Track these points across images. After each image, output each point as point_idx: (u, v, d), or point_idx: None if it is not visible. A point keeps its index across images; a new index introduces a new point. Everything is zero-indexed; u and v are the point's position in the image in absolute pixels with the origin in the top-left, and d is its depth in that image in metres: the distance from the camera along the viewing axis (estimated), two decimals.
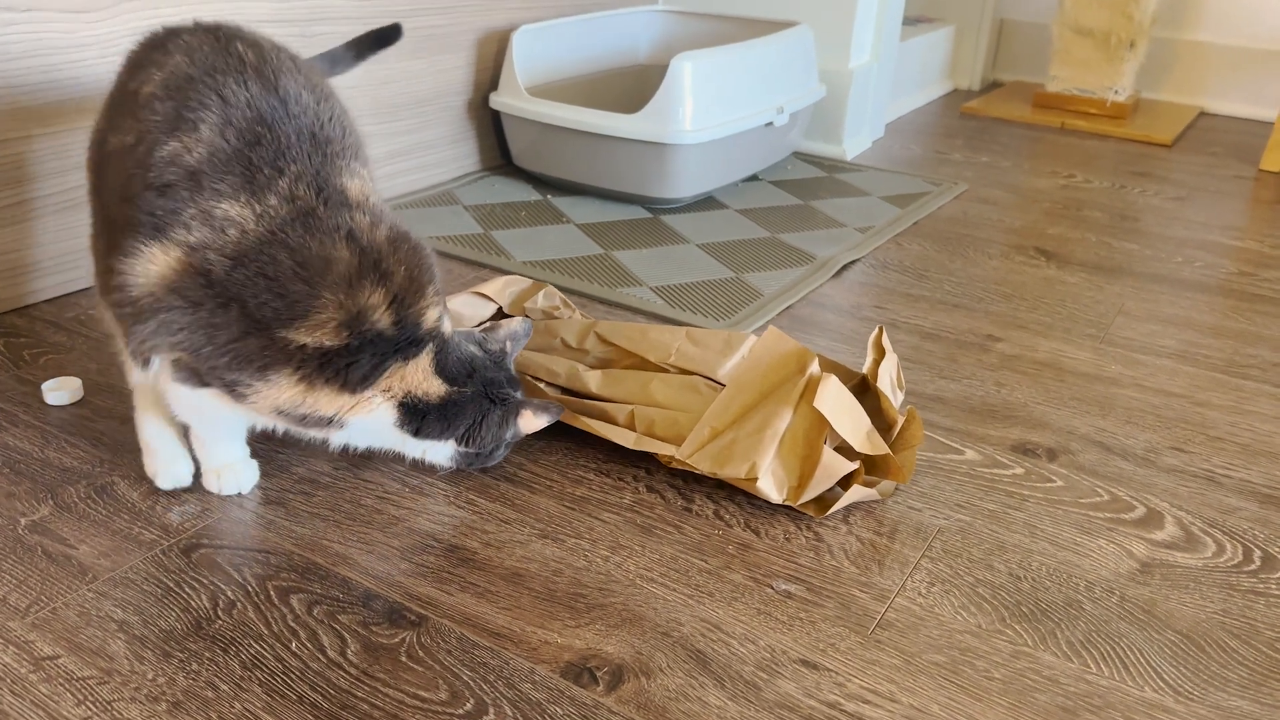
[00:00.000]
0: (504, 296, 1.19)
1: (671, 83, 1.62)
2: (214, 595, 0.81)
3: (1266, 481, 1.03)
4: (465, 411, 0.89)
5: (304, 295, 0.79)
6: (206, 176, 0.80)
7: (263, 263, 0.79)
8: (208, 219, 0.80)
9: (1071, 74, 2.51)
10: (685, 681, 0.75)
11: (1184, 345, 1.33)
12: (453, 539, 0.89)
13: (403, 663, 0.75)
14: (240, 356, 0.80)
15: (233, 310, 0.79)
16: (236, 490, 0.94)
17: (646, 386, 1.02)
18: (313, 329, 0.80)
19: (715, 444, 0.95)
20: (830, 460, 0.92)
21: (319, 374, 0.81)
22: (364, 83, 1.63)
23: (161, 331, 0.81)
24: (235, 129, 0.82)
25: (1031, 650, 0.80)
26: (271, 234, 0.80)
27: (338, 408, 0.83)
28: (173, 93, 0.83)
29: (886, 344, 1.01)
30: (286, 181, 0.82)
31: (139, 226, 0.81)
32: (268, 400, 0.82)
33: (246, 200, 0.81)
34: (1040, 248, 1.66)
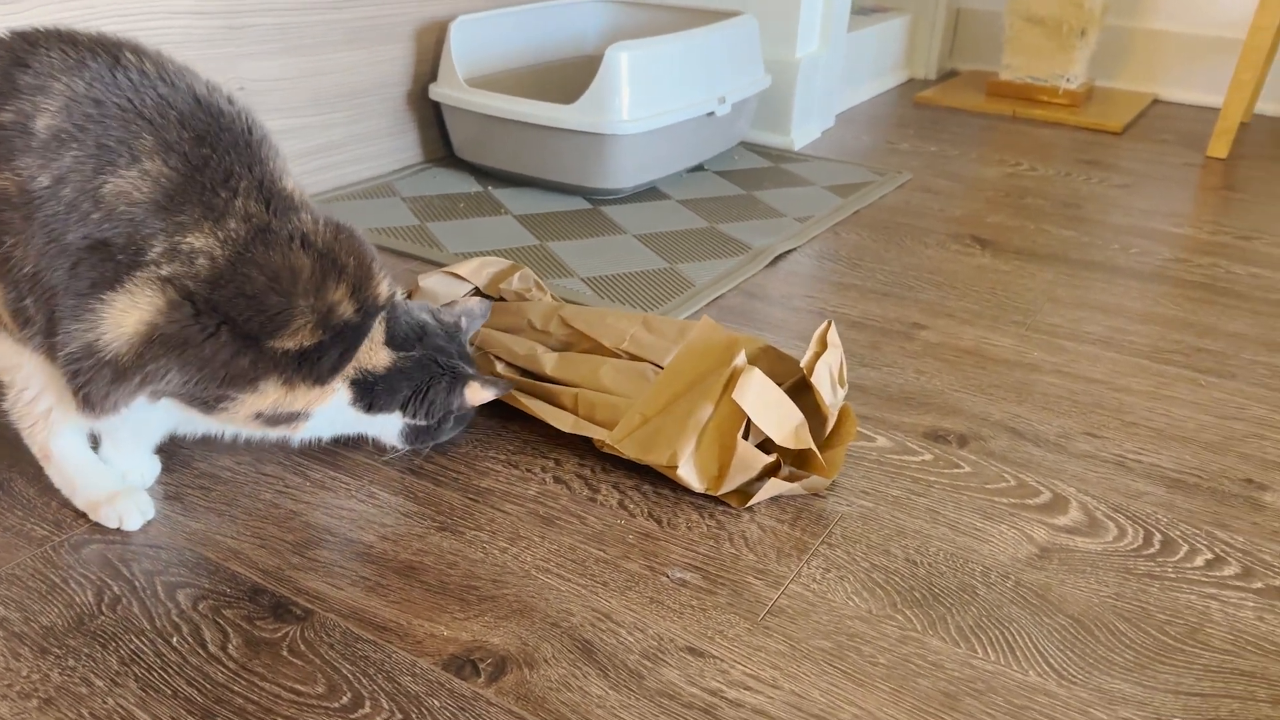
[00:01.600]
0: (480, 277, 1.21)
1: (607, 73, 1.62)
2: (100, 591, 0.80)
3: (1176, 466, 1.04)
4: (410, 377, 0.91)
5: (282, 307, 0.82)
6: (165, 211, 0.79)
7: (239, 283, 0.80)
8: (175, 254, 0.79)
9: (1024, 62, 2.51)
10: (569, 671, 0.75)
11: (1110, 332, 1.33)
12: (349, 533, 0.89)
13: (283, 657, 0.75)
14: (233, 375, 0.82)
15: (222, 335, 0.81)
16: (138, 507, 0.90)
17: (597, 371, 1.03)
18: (294, 335, 0.83)
19: (643, 430, 0.96)
20: (745, 452, 0.92)
21: (298, 374, 0.85)
22: (298, 74, 1.61)
23: (147, 383, 0.81)
24: (177, 154, 0.80)
25: (919, 635, 0.80)
26: (239, 255, 0.81)
27: (307, 401, 0.86)
28: (87, 122, 0.78)
29: (833, 339, 0.99)
30: (240, 201, 0.82)
31: (88, 279, 0.78)
32: (250, 408, 0.85)
33: (210, 229, 0.80)
34: (977, 236, 1.66)
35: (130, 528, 0.88)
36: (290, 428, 0.90)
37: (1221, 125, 2.13)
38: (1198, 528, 0.94)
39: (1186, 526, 0.94)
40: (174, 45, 1.42)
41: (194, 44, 1.45)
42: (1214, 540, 0.92)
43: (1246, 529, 0.94)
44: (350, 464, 0.98)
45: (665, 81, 1.70)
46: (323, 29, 1.64)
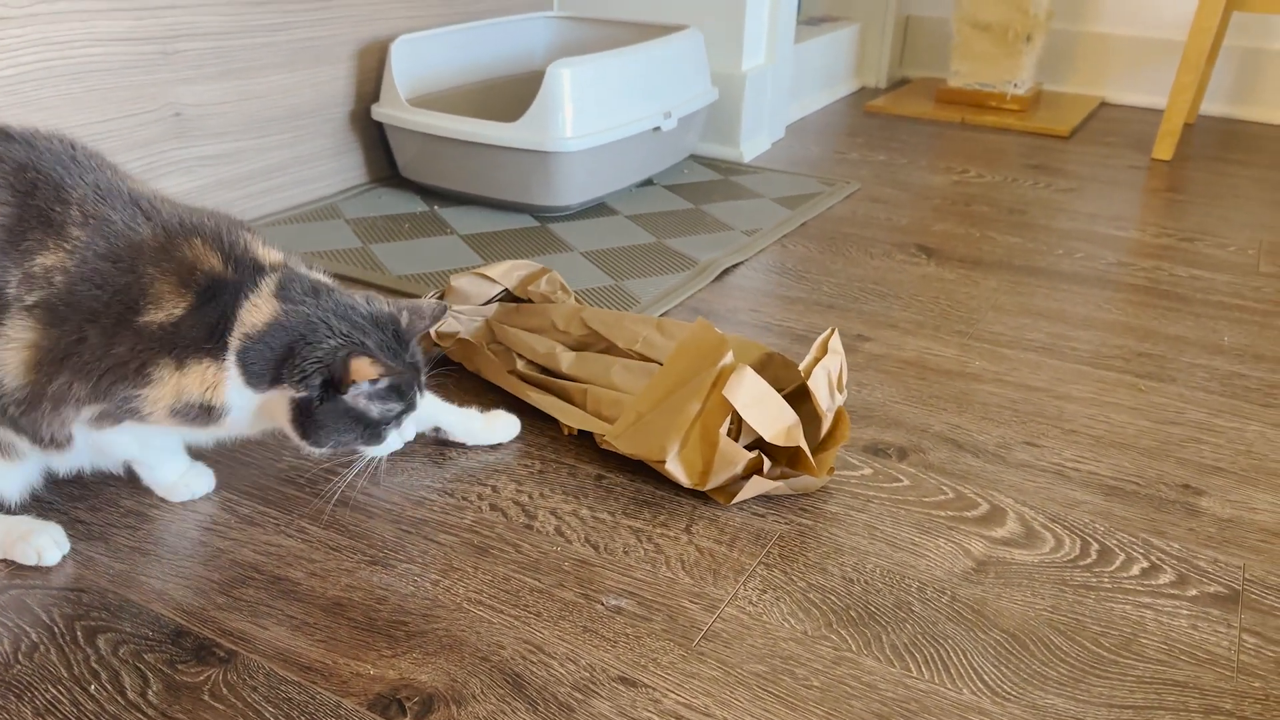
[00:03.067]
0: (510, 279, 1.25)
1: (549, 90, 1.61)
2: (16, 639, 0.78)
3: (1114, 474, 1.04)
4: (290, 332, 0.82)
5: (133, 281, 0.81)
6: (8, 245, 0.80)
7: (92, 280, 0.80)
8: (31, 281, 0.80)
9: (972, 68, 2.53)
10: (497, 707, 0.73)
11: (1052, 338, 1.34)
12: (276, 569, 0.87)
13: (205, 701, 0.73)
14: (119, 369, 0.80)
15: (90, 334, 0.79)
16: (192, 496, 0.96)
17: (609, 370, 1.08)
18: (157, 304, 0.81)
19: (636, 426, 0.98)
20: (726, 447, 0.93)
21: (184, 348, 0.81)
22: (236, 98, 1.60)
23: (61, 404, 0.81)
24: (6, 189, 0.81)
25: (854, 656, 0.79)
26: (85, 257, 0.80)
27: (208, 384, 0.82)
28: None
29: (834, 346, 0.99)
30: (75, 209, 0.81)
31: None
32: (160, 404, 0.82)
33: (55, 244, 0.80)
34: (922, 245, 1.67)
35: (49, 563, 0.86)
36: (215, 425, 0.85)
37: (1165, 127, 2.16)
38: (1134, 536, 0.94)
39: (1123, 535, 0.94)
40: (106, 72, 1.40)
41: (126, 70, 1.43)
42: (1150, 548, 0.93)
43: (1182, 535, 0.95)
44: (280, 497, 0.96)
45: (609, 97, 1.69)
46: (260, 51, 1.62)
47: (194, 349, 0.81)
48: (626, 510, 0.96)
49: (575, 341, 1.16)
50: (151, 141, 1.49)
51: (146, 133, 1.48)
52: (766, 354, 1.06)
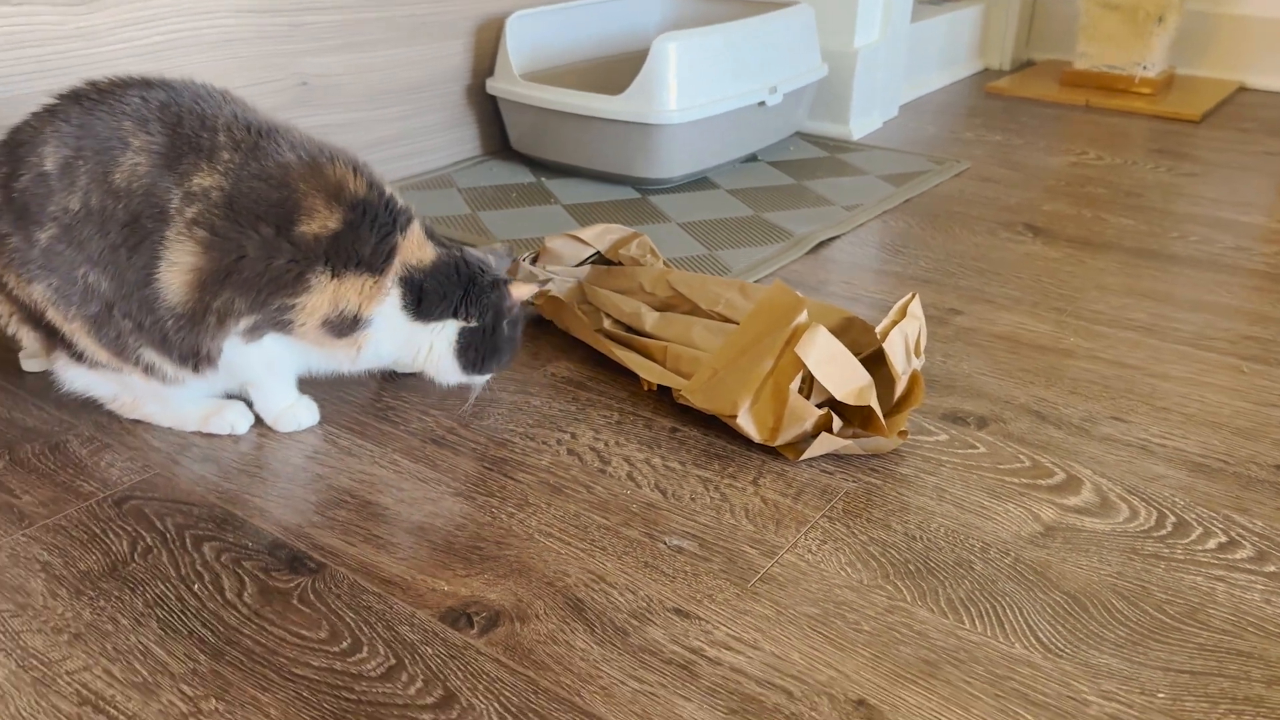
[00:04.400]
0: (602, 242, 1.31)
1: (654, 63, 1.64)
2: (134, 541, 0.87)
3: (1202, 451, 1.02)
4: (458, 275, 0.97)
5: (286, 196, 0.91)
6: (168, 169, 0.89)
7: (248, 196, 0.90)
8: (191, 198, 0.89)
9: (1099, 50, 2.45)
10: (557, 627, 0.78)
11: (1154, 319, 1.30)
12: (368, 495, 0.93)
13: (293, 605, 0.80)
14: (279, 279, 0.91)
15: (249, 248, 0.90)
16: (298, 426, 1.03)
17: (690, 329, 1.11)
18: (311, 217, 0.91)
19: (710, 382, 1.01)
20: (795, 403, 0.96)
21: (340, 260, 0.92)
22: (358, 70, 1.68)
23: (224, 320, 0.92)
24: (153, 123, 0.90)
25: (908, 605, 0.80)
26: (239, 176, 0.90)
27: (362, 296, 0.93)
28: (80, 141, 0.90)
29: (914, 310, 1.01)
30: (222, 135, 0.91)
31: (141, 262, 0.90)
32: (313, 314, 0.93)
33: (209, 167, 0.90)
34: (1029, 224, 1.64)
35: (240, 432, 1.02)
36: (356, 336, 0.95)
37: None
38: (1215, 511, 0.92)
39: (1203, 509, 0.92)
40: (239, 42, 1.50)
41: (258, 40, 1.53)
42: (1230, 524, 0.91)
43: (1269, 514, 0.92)
44: (377, 433, 1.03)
45: (713, 71, 1.71)
46: (383, 26, 1.70)
47: (352, 263, 0.92)
48: (697, 461, 0.99)
49: (660, 302, 1.19)
50: (279, 108, 1.59)
51: (275, 100, 1.58)
52: (847, 318, 1.07)
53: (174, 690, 0.71)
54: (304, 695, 0.71)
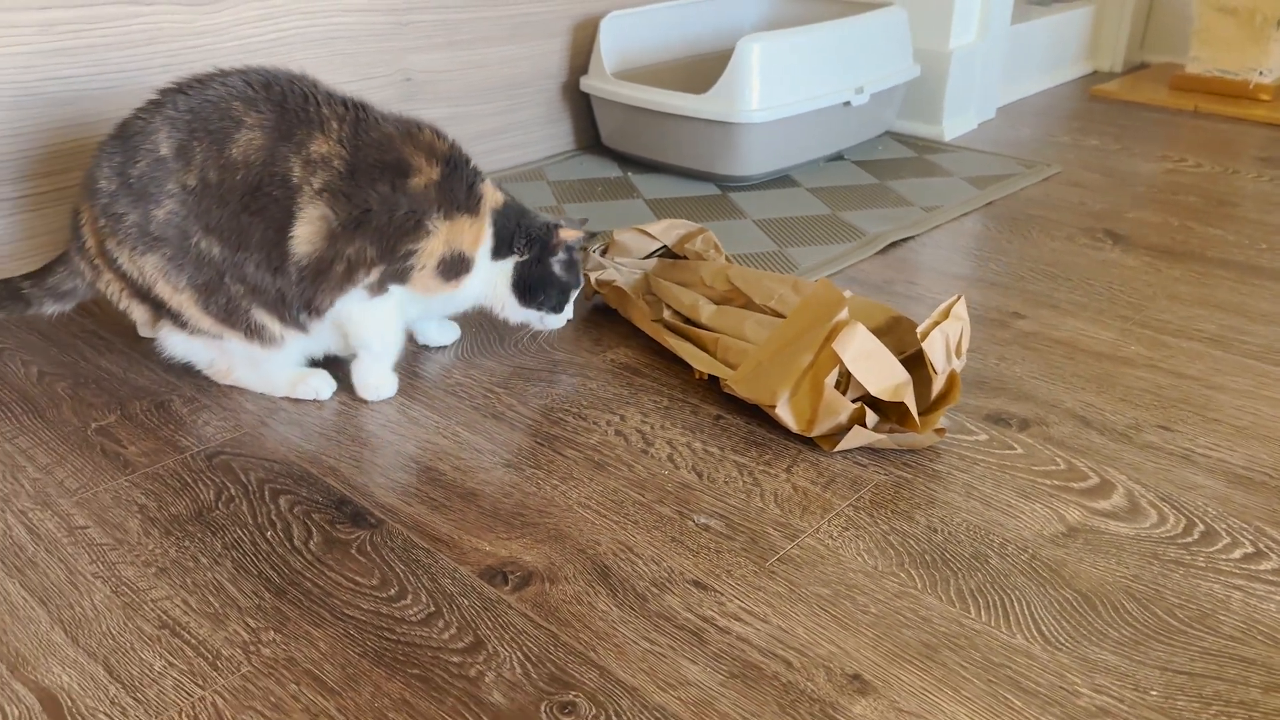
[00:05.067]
0: (668, 236, 1.38)
1: (738, 63, 1.69)
2: (219, 491, 0.97)
3: (1246, 463, 1.01)
4: (518, 212, 1.12)
5: (396, 158, 1.03)
6: (283, 139, 1.00)
7: (365, 165, 1.02)
8: (311, 165, 1.00)
9: (1212, 55, 2.38)
10: (583, 589, 0.84)
11: (1223, 330, 1.29)
12: (429, 462, 1.02)
13: (351, 555, 0.88)
14: (400, 226, 1.03)
15: (373, 201, 1.02)
16: (379, 397, 1.13)
17: (743, 323, 1.17)
18: (419, 171, 1.04)
19: (754, 373, 1.07)
20: (831, 398, 1.00)
21: (448, 205, 1.05)
22: (460, 66, 1.78)
23: (356, 268, 1.03)
24: (261, 101, 1.01)
25: (917, 593, 0.84)
26: (356, 145, 1.03)
27: (470, 236, 1.07)
28: (192, 124, 1.01)
29: (959, 312, 1.04)
30: (325, 109, 1.03)
31: (268, 224, 1.01)
32: (431, 255, 1.05)
33: (322, 137, 1.01)
34: (1111, 230, 1.62)
35: (324, 397, 1.12)
36: (461, 279, 1.08)
37: None
38: (1248, 523, 0.93)
39: (1235, 520, 0.93)
40: (349, 39, 1.62)
41: (365, 38, 1.64)
42: (1261, 535, 0.91)
43: None
44: (444, 407, 1.11)
45: (797, 72, 1.75)
46: (485, 24, 1.80)
47: (456, 206, 1.06)
48: (736, 448, 1.04)
49: (719, 296, 1.24)
50: (385, 103, 1.69)
51: (381, 94, 1.69)
52: (894, 317, 1.11)
53: (240, 621, 0.81)
54: (351, 633, 0.80)
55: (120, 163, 1.02)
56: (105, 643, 0.78)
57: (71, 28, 1.33)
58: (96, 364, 1.20)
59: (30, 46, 1.30)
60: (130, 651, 0.77)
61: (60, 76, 1.33)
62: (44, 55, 1.32)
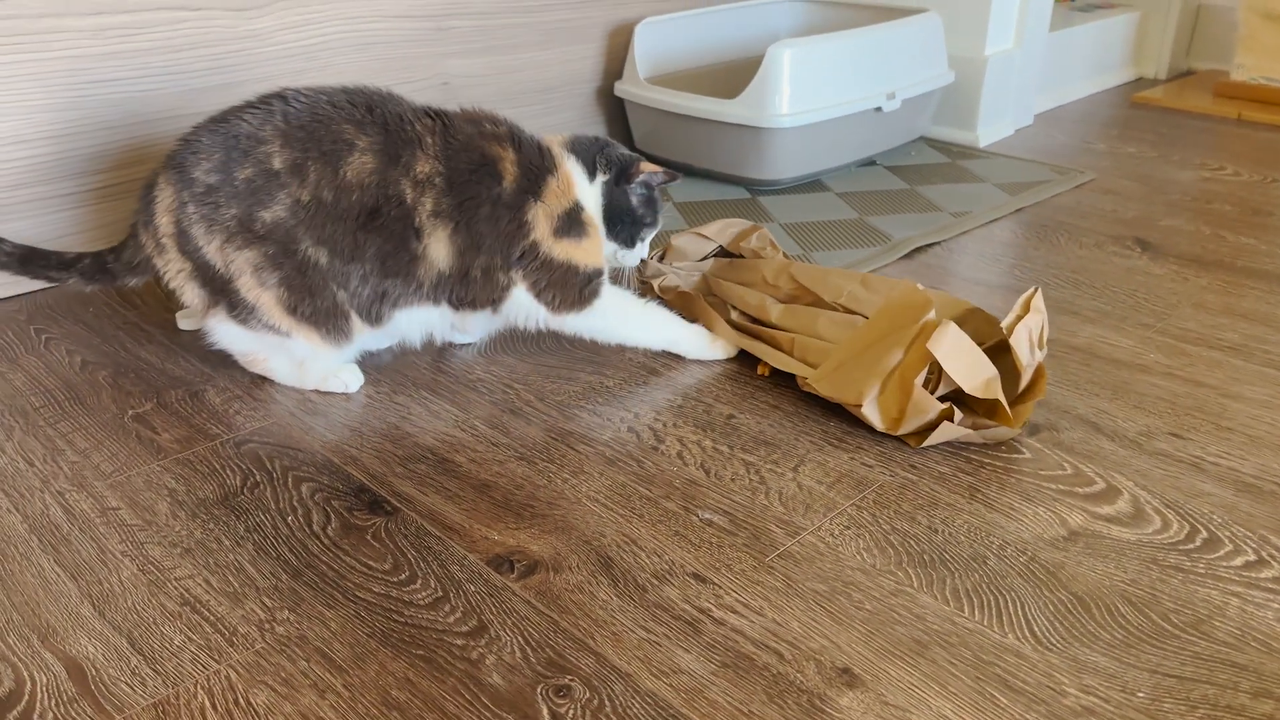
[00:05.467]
0: (724, 236, 1.41)
1: (768, 69, 1.71)
2: (245, 477, 1.01)
3: (1257, 472, 1.01)
4: (597, 144, 1.20)
5: (482, 160, 1.11)
6: (393, 161, 1.07)
7: (459, 172, 1.09)
8: (420, 185, 1.08)
9: (1257, 62, 2.35)
10: (586, 579, 0.87)
11: (1246, 339, 1.28)
12: (446, 454, 1.05)
13: (367, 540, 0.92)
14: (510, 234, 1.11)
15: (481, 224, 1.10)
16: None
17: (815, 321, 1.19)
18: (502, 161, 1.12)
19: (837, 373, 1.09)
20: (919, 397, 1.02)
21: (534, 178, 1.12)
22: (496, 71, 1.82)
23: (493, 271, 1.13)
24: (369, 124, 1.08)
25: (913, 591, 0.86)
26: (447, 155, 1.10)
27: (560, 189, 1.13)
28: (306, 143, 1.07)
29: (1037, 304, 1.06)
30: (418, 125, 1.10)
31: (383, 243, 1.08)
32: (545, 234, 1.12)
33: (422, 155, 1.09)
34: (1141, 238, 1.61)
35: (353, 389, 1.17)
36: (585, 228, 1.15)
37: None
38: (1252, 530, 0.93)
39: (1240, 528, 0.93)
40: (388, 44, 1.66)
41: (403, 43, 1.68)
42: (1264, 543, 0.91)
43: None
44: (465, 401, 1.15)
45: (828, 78, 1.76)
46: (522, 30, 1.84)
47: (539, 176, 1.12)
48: (745, 446, 1.06)
49: (784, 295, 1.26)
50: None
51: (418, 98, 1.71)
52: (969, 309, 1.13)
53: (257, 600, 0.85)
54: (361, 614, 0.83)
55: (223, 161, 1.06)
56: (130, 617, 0.83)
57: (120, 32, 1.39)
58: (136, 354, 1.25)
59: (81, 50, 1.36)
60: (153, 626, 0.82)
61: (109, 79, 1.39)
62: (94, 59, 1.38)
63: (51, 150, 1.38)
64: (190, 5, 1.44)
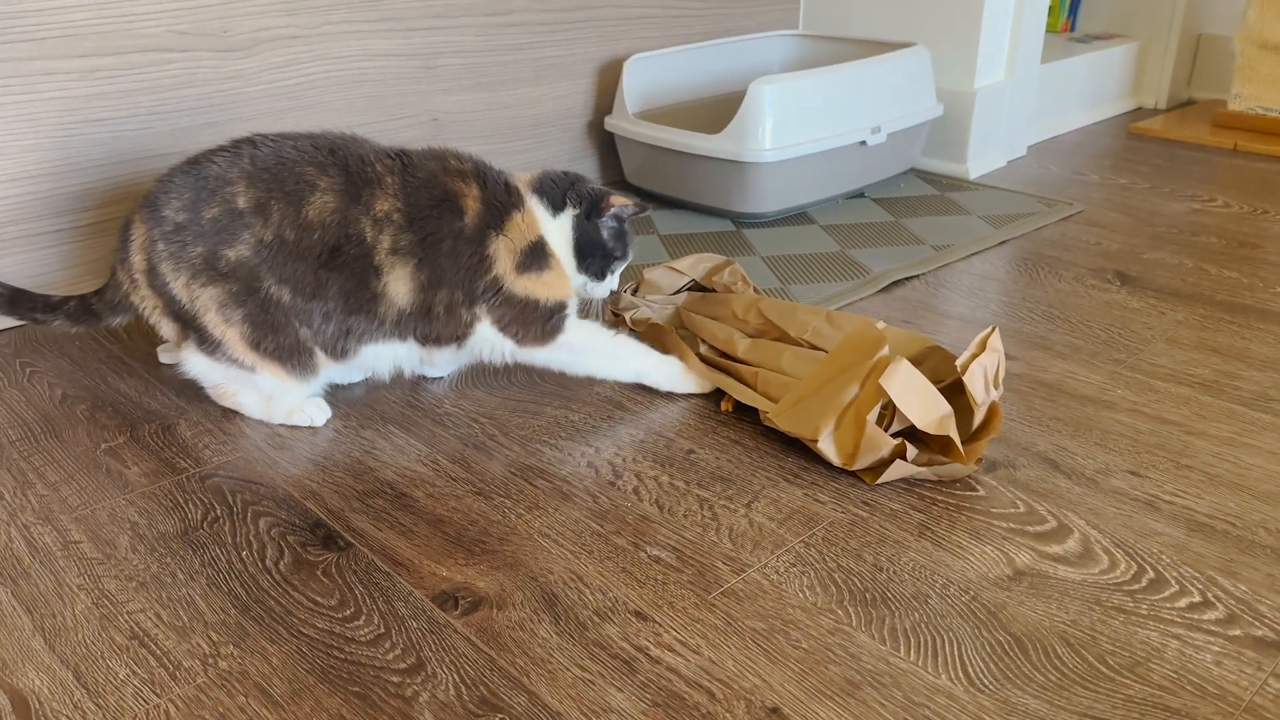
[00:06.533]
0: (697, 270, 1.43)
1: (751, 105, 1.73)
2: (206, 511, 1.03)
3: (1211, 511, 1.01)
4: (563, 176, 1.22)
5: (444, 192, 1.13)
6: (354, 201, 1.11)
7: (419, 208, 1.12)
8: (379, 224, 1.11)
9: (1255, 92, 2.34)
10: (528, 615, 0.88)
11: (1217, 376, 1.28)
12: (404, 488, 1.07)
13: (317, 576, 0.94)
14: (473, 268, 1.13)
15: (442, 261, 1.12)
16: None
17: (780, 356, 1.20)
18: (464, 197, 1.14)
19: (796, 408, 1.10)
20: (873, 433, 1.03)
21: (498, 212, 1.15)
22: (485, 108, 1.85)
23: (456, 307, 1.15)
24: (330, 165, 1.12)
25: (851, 630, 0.86)
26: (406, 192, 1.12)
27: (525, 225, 1.16)
28: (270, 184, 1.10)
29: (994, 344, 1.08)
30: (378, 165, 1.14)
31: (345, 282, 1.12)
32: (506, 270, 1.14)
33: (381, 194, 1.12)
34: (1122, 272, 1.61)
35: (318, 424, 1.19)
36: (548, 260, 1.17)
37: None
38: (1200, 571, 0.92)
39: (1188, 569, 0.93)
40: (377, 82, 1.70)
41: (393, 80, 1.72)
42: (1211, 585, 0.91)
43: (1256, 579, 0.91)
44: (429, 435, 1.17)
45: (811, 112, 1.78)
46: (512, 67, 1.87)
47: (504, 211, 1.15)
48: (702, 482, 1.07)
49: (752, 329, 1.28)
50: (412, 142, 1.77)
51: (409, 134, 1.77)
52: (929, 347, 1.14)
53: (204, 635, 0.86)
54: (303, 650, 0.84)
55: (192, 200, 1.10)
56: (79, 651, 0.84)
57: (107, 74, 1.43)
58: (116, 388, 1.28)
59: (69, 91, 1.40)
60: (100, 660, 0.83)
61: (96, 119, 1.43)
62: (82, 100, 1.42)
63: (40, 189, 1.42)
64: (176, 46, 1.48)
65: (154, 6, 1.44)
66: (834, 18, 2.27)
